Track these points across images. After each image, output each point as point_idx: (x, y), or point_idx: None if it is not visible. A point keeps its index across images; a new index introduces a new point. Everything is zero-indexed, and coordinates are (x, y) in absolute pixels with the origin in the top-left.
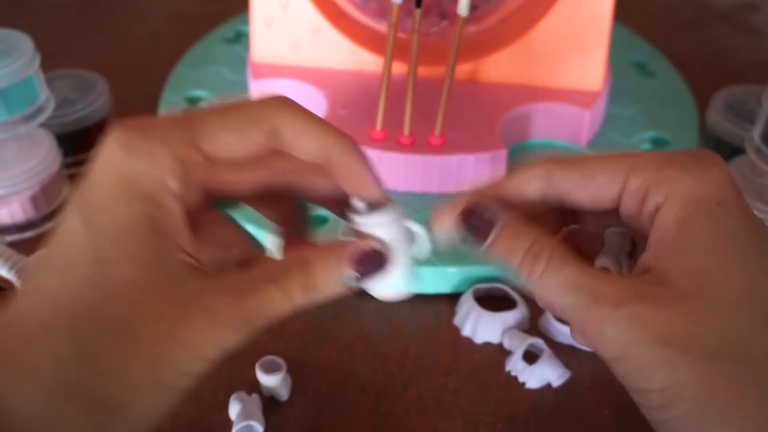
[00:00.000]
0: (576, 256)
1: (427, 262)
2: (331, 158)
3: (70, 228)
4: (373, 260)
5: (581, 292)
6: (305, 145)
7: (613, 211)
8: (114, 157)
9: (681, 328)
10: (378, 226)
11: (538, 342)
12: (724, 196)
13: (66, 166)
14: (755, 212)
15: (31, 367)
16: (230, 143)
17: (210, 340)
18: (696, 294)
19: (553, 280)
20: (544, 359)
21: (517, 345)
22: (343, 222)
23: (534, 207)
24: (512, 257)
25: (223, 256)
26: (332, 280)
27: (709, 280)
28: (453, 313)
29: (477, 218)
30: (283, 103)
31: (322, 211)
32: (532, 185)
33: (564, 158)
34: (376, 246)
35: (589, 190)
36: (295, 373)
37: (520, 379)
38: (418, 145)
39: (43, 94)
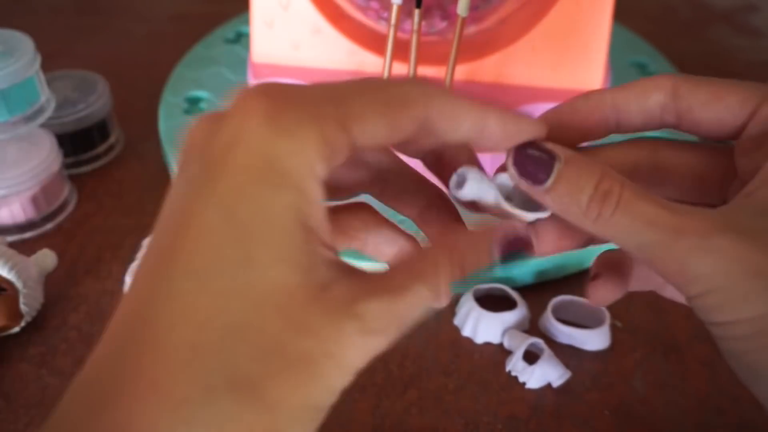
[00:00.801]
0: (648, 192)
1: None
2: (484, 132)
3: (207, 222)
4: (519, 243)
5: (661, 226)
6: (458, 129)
7: (709, 178)
8: (258, 134)
9: None
10: (519, 202)
11: (539, 342)
12: None
13: (66, 166)
14: None
15: (180, 401)
16: (377, 128)
17: (362, 350)
18: None
19: (628, 217)
20: (545, 359)
21: (518, 345)
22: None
23: (643, 127)
24: (578, 197)
25: (349, 246)
26: (479, 268)
27: None
28: (453, 313)
29: (528, 155)
30: (429, 87)
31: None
32: (655, 95)
33: (692, 76)
34: (522, 229)
35: (715, 110)
36: None
37: (521, 379)
38: None
39: (44, 95)
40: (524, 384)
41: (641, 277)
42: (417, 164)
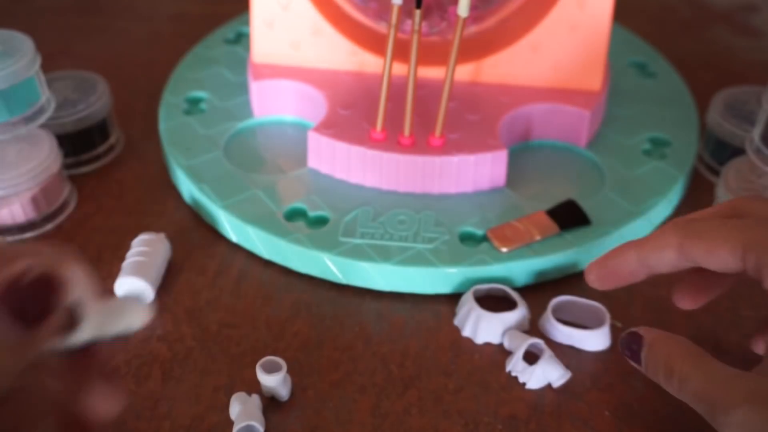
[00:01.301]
0: (705, 359)
1: (427, 262)
2: None
3: None
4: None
5: (704, 403)
6: None
7: None
8: None
9: None
10: None
11: (539, 342)
12: None
13: (66, 166)
14: None
15: None
16: None
17: None
18: None
19: (686, 393)
20: (545, 360)
21: (518, 345)
22: None
23: (669, 270)
24: (656, 375)
25: None
26: None
27: None
28: (453, 313)
29: (629, 342)
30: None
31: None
32: (667, 253)
33: (689, 227)
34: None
35: (714, 263)
36: (295, 373)
37: (521, 379)
38: (418, 145)
39: (44, 95)
40: (524, 384)
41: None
42: None
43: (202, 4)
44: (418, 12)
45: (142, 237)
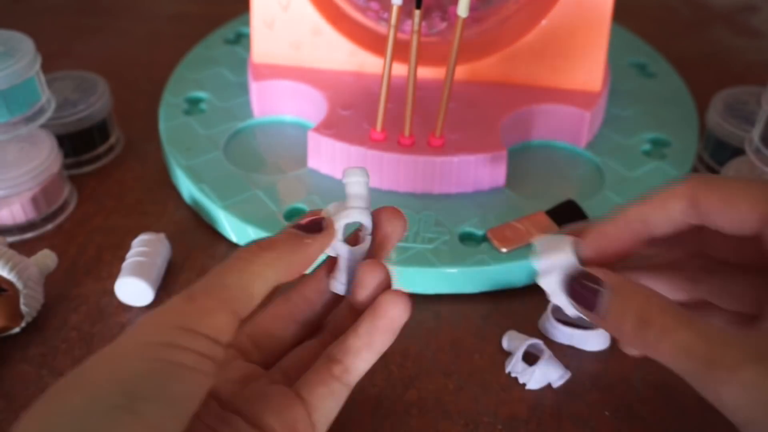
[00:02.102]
0: (688, 314)
1: (427, 262)
2: None
3: None
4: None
5: (695, 358)
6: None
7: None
8: None
9: None
10: None
11: (538, 343)
12: None
13: (67, 167)
14: None
15: None
16: None
17: None
18: None
19: (666, 346)
20: (545, 360)
21: (517, 346)
22: None
23: (672, 231)
24: (624, 325)
25: None
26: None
27: None
28: (453, 313)
29: (581, 285)
30: None
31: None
32: (676, 204)
33: (707, 177)
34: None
35: (729, 215)
36: None
37: (521, 380)
38: (418, 146)
39: (44, 95)
40: (524, 385)
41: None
42: None
43: (202, 4)
44: (417, 12)
45: (142, 237)
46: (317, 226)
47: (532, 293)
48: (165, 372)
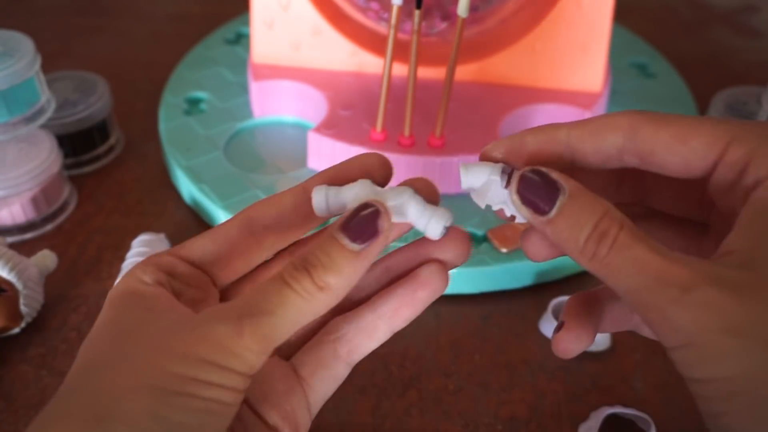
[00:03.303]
0: (644, 234)
1: None
2: None
3: None
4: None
5: (648, 274)
6: None
7: (692, 183)
8: None
9: (760, 319)
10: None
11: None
12: None
13: (67, 167)
14: None
15: None
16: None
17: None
18: None
19: (619, 260)
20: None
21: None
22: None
23: (602, 165)
24: (577, 234)
25: None
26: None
27: None
28: (453, 314)
29: (533, 183)
30: None
31: None
32: (611, 136)
33: (651, 113)
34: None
35: (679, 153)
36: None
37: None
38: (418, 146)
39: (44, 96)
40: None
41: (618, 317)
42: None
43: (202, 4)
44: (418, 12)
45: (142, 237)
46: (374, 230)
47: (532, 293)
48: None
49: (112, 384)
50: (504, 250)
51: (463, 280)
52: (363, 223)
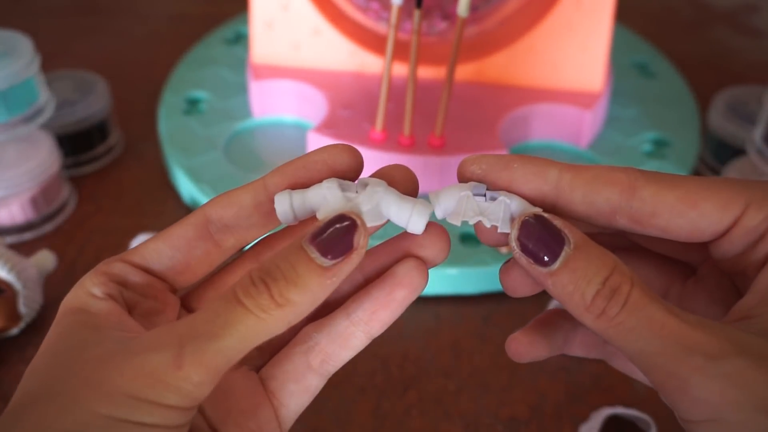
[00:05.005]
0: (655, 294)
1: None
2: None
3: None
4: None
5: (666, 338)
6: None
7: (694, 246)
8: None
9: None
10: None
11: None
12: None
13: (66, 167)
14: None
15: None
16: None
17: None
18: None
19: (632, 321)
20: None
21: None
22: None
23: (588, 220)
24: (583, 289)
25: None
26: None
27: None
28: (453, 314)
29: (535, 231)
30: None
31: None
32: (606, 192)
33: (653, 173)
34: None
35: (687, 217)
36: None
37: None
38: (418, 145)
39: (44, 96)
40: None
41: (589, 343)
42: None
43: (202, 4)
44: (418, 12)
45: (141, 237)
46: (348, 245)
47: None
48: None
49: (36, 428)
50: (504, 250)
51: (463, 281)
52: (336, 237)
